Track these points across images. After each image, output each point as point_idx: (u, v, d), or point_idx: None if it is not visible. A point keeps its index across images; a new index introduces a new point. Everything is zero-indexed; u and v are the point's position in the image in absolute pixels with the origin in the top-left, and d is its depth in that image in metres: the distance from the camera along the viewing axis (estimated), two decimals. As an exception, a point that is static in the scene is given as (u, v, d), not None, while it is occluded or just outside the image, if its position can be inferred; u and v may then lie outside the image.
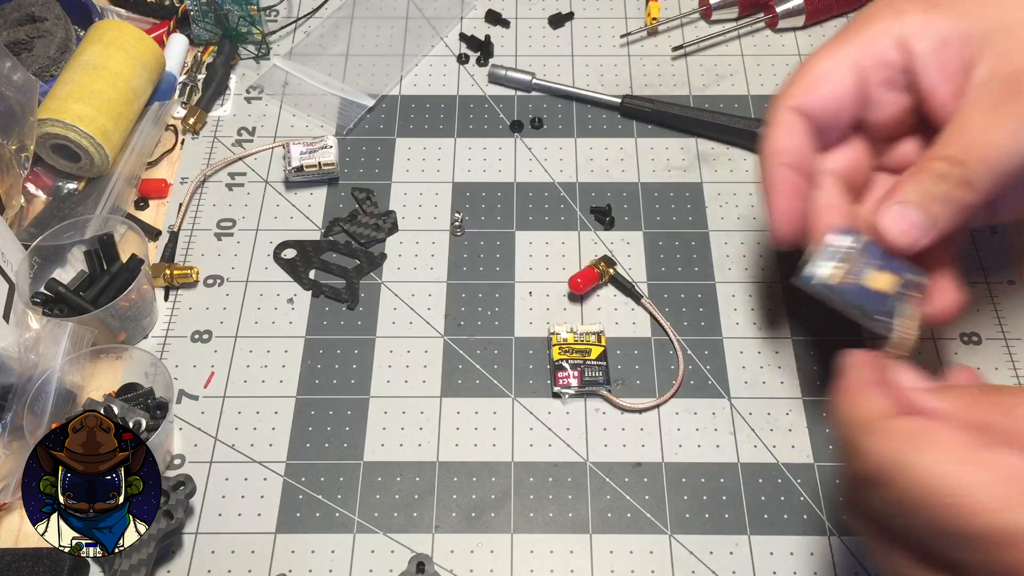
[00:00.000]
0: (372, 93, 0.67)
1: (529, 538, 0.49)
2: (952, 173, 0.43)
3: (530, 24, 0.72)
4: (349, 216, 0.61)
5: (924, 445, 0.34)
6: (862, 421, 0.37)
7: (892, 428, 0.36)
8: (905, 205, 0.44)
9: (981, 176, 0.43)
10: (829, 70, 0.47)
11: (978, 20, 0.44)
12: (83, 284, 0.56)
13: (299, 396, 0.53)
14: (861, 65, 0.46)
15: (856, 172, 0.50)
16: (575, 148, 0.64)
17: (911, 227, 0.44)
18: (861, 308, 0.45)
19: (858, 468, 0.37)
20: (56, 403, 0.49)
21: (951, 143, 0.44)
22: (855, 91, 0.47)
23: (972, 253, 0.58)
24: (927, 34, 0.45)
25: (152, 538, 0.45)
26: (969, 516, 0.32)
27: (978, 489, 0.32)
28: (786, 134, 0.47)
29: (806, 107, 0.47)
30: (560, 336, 0.55)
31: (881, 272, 0.45)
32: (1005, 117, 0.42)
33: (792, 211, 0.47)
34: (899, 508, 0.35)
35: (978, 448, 0.34)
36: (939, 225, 0.44)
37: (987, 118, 0.43)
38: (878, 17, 0.46)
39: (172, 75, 0.66)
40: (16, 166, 0.57)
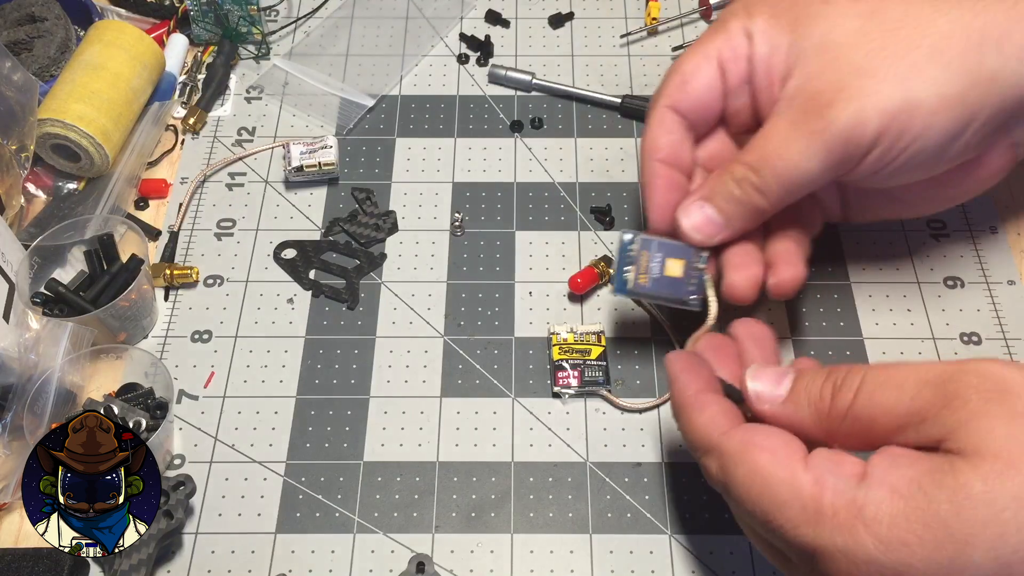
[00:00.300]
0: (372, 93, 0.67)
1: (529, 538, 0.49)
2: (748, 178, 0.47)
3: (530, 24, 0.72)
4: (349, 216, 0.61)
5: (741, 464, 0.38)
6: (699, 441, 0.41)
7: (724, 444, 0.39)
8: (703, 204, 0.49)
9: (771, 186, 0.47)
10: (696, 67, 0.50)
11: (803, 36, 0.47)
12: (83, 284, 0.56)
13: (299, 396, 0.53)
14: (722, 59, 0.49)
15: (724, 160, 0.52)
16: (575, 148, 0.64)
17: (706, 224, 0.49)
18: (671, 297, 0.50)
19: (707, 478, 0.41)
20: (56, 403, 0.49)
21: (752, 151, 0.47)
22: (720, 84, 0.50)
23: (972, 253, 0.58)
24: (765, 39, 0.48)
25: (152, 538, 0.45)
26: (781, 531, 0.36)
27: (779, 510, 0.36)
28: (661, 132, 0.50)
29: (678, 105, 0.50)
30: (560, 336, 0.55)
31: (673, 260, 0.50)
32: (798, 135, 0.46)
33: (667, 204, 0.50)
34: (739, 514, 0.40)
35: (783, 465, 0.37)
36: (733, 225, 0.49)
37: (783, 133, 0.46)
38: (735, 16, 0.49)
39: (172, 75, 0.66)
40: (16, 166, 0.57)
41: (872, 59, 0.45)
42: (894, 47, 0.45)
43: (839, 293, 0.57)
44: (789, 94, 0.47)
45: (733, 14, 0.50)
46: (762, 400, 0.41)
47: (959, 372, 0.35)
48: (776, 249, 0.50)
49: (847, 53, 0.45)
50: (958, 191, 0.52)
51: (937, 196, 0.53)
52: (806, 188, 0.47)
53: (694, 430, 0.41)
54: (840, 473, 0.36)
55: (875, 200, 0.54)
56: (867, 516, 0.34)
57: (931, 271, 0.58)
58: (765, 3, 0.49)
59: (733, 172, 0.48)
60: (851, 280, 0.57)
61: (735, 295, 0.49)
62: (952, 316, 0.56)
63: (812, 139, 0.45)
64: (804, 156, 0.45)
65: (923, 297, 0.57)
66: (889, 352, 0.54)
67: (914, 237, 0.59)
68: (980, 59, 0.44)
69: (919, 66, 0.44)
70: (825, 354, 0.54)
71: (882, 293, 0.57)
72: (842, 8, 0.47)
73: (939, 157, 0.47)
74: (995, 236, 0.59)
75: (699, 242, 0.49)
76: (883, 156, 0.46)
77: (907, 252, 0.58)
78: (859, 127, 0.44)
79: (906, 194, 0.53)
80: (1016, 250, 0.59)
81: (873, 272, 0.58)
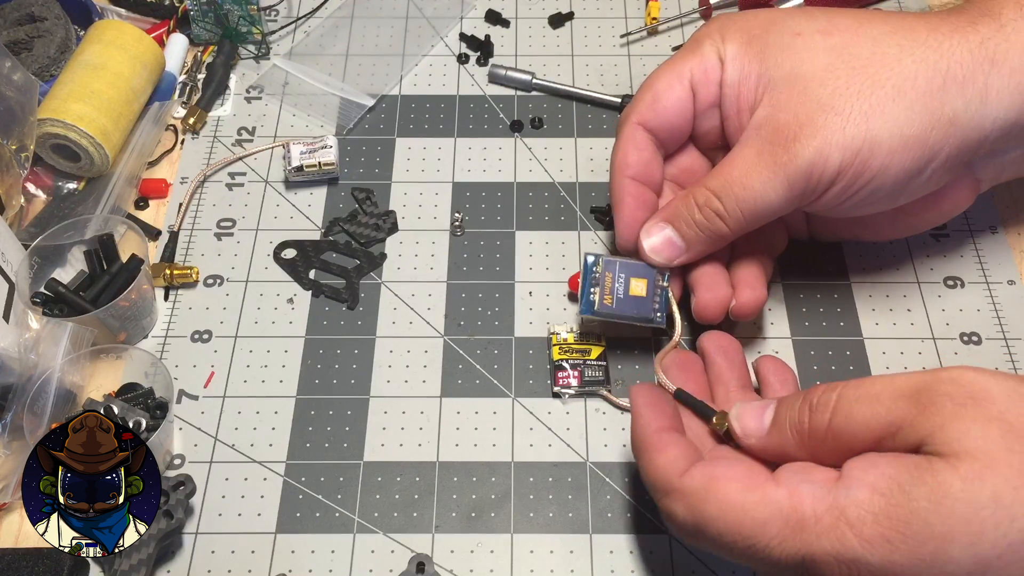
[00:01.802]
0: (372, 93, 0.67)
1: (529, 538, 0.49)
2: (710, 204, 0.48)
3: (530, 24, 0.72)
4: (349, 216, 0.61)
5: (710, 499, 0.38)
6: (659, 483, 0.41)
7: (686, 486, 0.39)
8: (664, 226, 0.50)
9: (733, 213, 0.48)
10: (668, 86, 0.51)
11: (774, 66, 0.48)
12: (83, 284, 0.56)
13: (299, 396, 0.53)
14: (694, 81, 0.51)
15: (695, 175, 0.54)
16: (575, 148, 0.64)
17: (667, 247, 0.50)
18: (637, 316, 0.51)
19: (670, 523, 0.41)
20: (56, 403, 0.49)
21: (716, 176, 0.48)
22: (691, 105, 0.51)
23: (972, 253, 0.58)
24: (736, 66, 0.49)
25: (152, 538, 0.45)
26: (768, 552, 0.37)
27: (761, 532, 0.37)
28: (632, 148, 0.52)
29: (649, 122, 0.51)
30: (560, 336, 0.55)
31: (637, 279, 0.51)
32: (762, 166, 0.46)
33: (635, 222, 0.51)
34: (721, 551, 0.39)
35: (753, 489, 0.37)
36: (694, 248, 0.50)
37: (748, 162, 0.47)
38: (709, 38, 0.51)
39: (172, 75, 0.66)
40: (16, 166, 0.57)
41: (837, 97, 0.46)
42: (859, 85, 0.46)
43: (839, 293, 0.57)
44: (756, 123, 0.48)
45: (708, 35, 0.51)
46: (749, 436, 0.42)
47: (933, 381, 0.36)
48: (739, 272, 0.52)
49: (814, 88, 0.46)
50: (921, 220, 0.54)
51: (900, 224, 0.54)
52: (767, 217, 0.48)
53: (655, 471, 0.41)
54: (813, 480, 0.37)
55: (840, 224, 0.55)
56: (850, 517, 0.35)
57: (931, 271, 0.58)
58: (739, 29, 0.50)
59: (696, 196, 0.49)
60: (851, 280, 0.57)
61: (704, 315, 0.51)
62: (952, 316, 0.56)
63: (776, 171, 0.46)
64: (767, 187, 0.46)
65: (923, 297, 0.57)
66: (889, 352, 0.54)
67: (914, 237, 0.59)
68: (942, 101, 0.45)
69: (882, 105, 0.45)
70: (825, 354, 0.54)
71: (882, 293, 0.57)
72: (813, 42, 0.47)
73: (898, 193, 0.48)
74: (995, 236, 0.59)
75: (660, 264, 0.51)
76: (844, 191, 0.47)
77: (907, 252, 0.58)
78: (821, 163, 0.45)
79: (870, 221, 0.54)
80: (1016, 250, 0.59)
81: (873, 272, 0.58)
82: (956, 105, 0.45)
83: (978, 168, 0.51)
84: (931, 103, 0.45)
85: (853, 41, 0.47)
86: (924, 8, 0.70)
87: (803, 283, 0.57)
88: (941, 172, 0.48)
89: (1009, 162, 0.51)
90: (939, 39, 0.46)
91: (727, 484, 0.38)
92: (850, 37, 0.47)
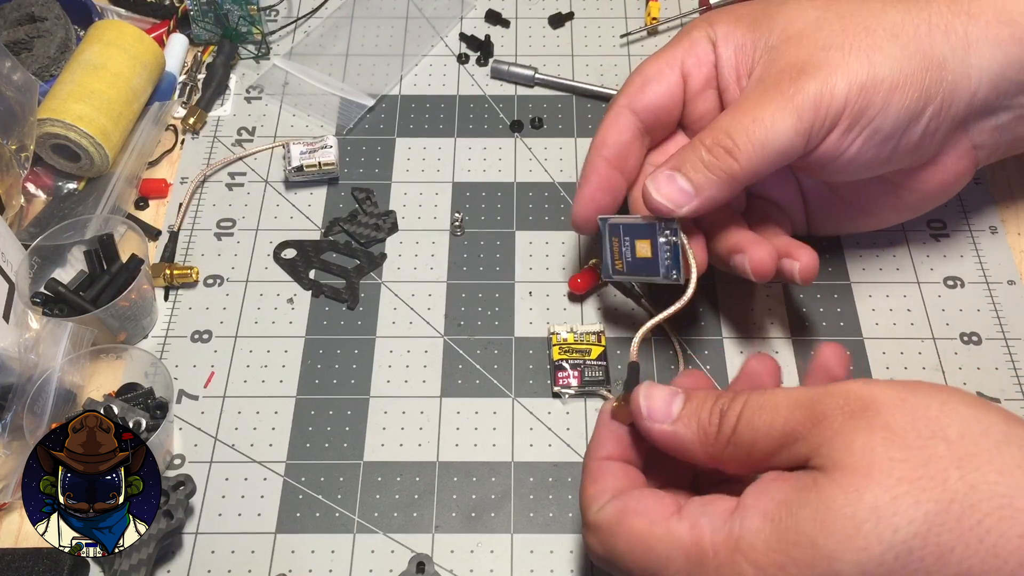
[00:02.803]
0: (372, 93, 0.67)
1: (529, 538, 0.49)
2: (720, 142, 0.47)
3: (530, 24, 0.72)
4: (349, 216, 0.61)
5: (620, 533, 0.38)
6: (582, 513, 0.40)
7: (599, 520, 0.39)
8: (672, 173, 0.47)
9: (744, 146, 0.46)
10: (659, 71, 0.51)
11: (767, 31, 0.49)
12: (83, 284, 0.56)
13: (299, 396, 0.53)
14: (685, 66, 0.51)
15: None
16: (575, 148, 0.64)
17: (675, 192, 0.47)
18: (652, 276, 0.49)
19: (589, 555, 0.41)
20: (56, 403, 0.49)
21: (723, 117, 0.48)
22: (681, 90, 0.52)
23: (972, 253, 0.58)
24: (729, 41, 0.50)
25: (152, 538, 0.45)
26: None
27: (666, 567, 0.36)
28: (613, 131, 0.51)
29: (635, 105, 0.51)
30: (560, 336, 0.55)
31: (641, 241, 0.49)
32: (769, 100, 0.46)
33: (592, 201, 0.51)
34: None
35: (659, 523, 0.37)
36: (703, 192, 0.47)
37: (754, 100, 0.47)
38: (697, 26, 0.52)
39: (172, 75, 0.66)
40: (16, 166, 0.57)
41: (835, 38, 0.47)
42: (853, 29, 0.47)
43: (839, 293, 0.57)
44: (758, 75, 0.49)
45: (696, 25, 0.52)
46: (653, 419, 0.40)
47: (826, 394, 0.36)
48: (779, 243, 0.51)
49: (810, 35, 0.48)
50: (920, 197, 0.53)
51: (899, 203, 0.54)
52: (777, 156, 0.46)
53: (582, 500, 0.41)
54: (713, 512, 0.36)
55: (838, 209, 0.55)
56: (744, 546, 0.35)
57: (931, 271, 0.58)
58: (726, 12, 0.52)
59: (703, 139, 0.47)
60: (851, 280, 0.57)
61: (763, 271, 0.48)
62: (952, 316, 0.56)
63: (784, 103, 0.46)
64: (776, 119, 0.46)
65: (923, 297, 0.57)
66: (889, 352, 0.54)
67: (914, 237, 0.59)
68: (931, 44, 0.47)
69: (879, 45, 0.47)
70: (825, 354, 0.54)
71: (882, 293, 0.57)
72: (800, 5, 0.49)
73: (897, 140, 0.48)
74: (995, 236, 0.59)
75: (667, 212, 0.47)
76: (846, 132, 0.47)
77: (907, 252, 0.58)
78: (828, 94, 0.46)
79: (867, 203, 0.54)
80: (1016, 250, 0.59)
81: (873, 272, 0.58)
82: (943, 50, 0.47)
83: (972, 132, 0.51)
84: (922, 45, 0.47)
85: (838, 2, 0.49)
86: None
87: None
88: (936, 124, 0.48)
89: (1003, 128, 0.51)
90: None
91: (635, 518, 0.38)
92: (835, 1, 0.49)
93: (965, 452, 0.33)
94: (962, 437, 0.33)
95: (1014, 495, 0.32)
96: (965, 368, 0.54)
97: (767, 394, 0.38)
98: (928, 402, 0.34)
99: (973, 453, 0.33)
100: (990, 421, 0.34)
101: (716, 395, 0.40)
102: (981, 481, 0.32)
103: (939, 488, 0.32)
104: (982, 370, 0.53)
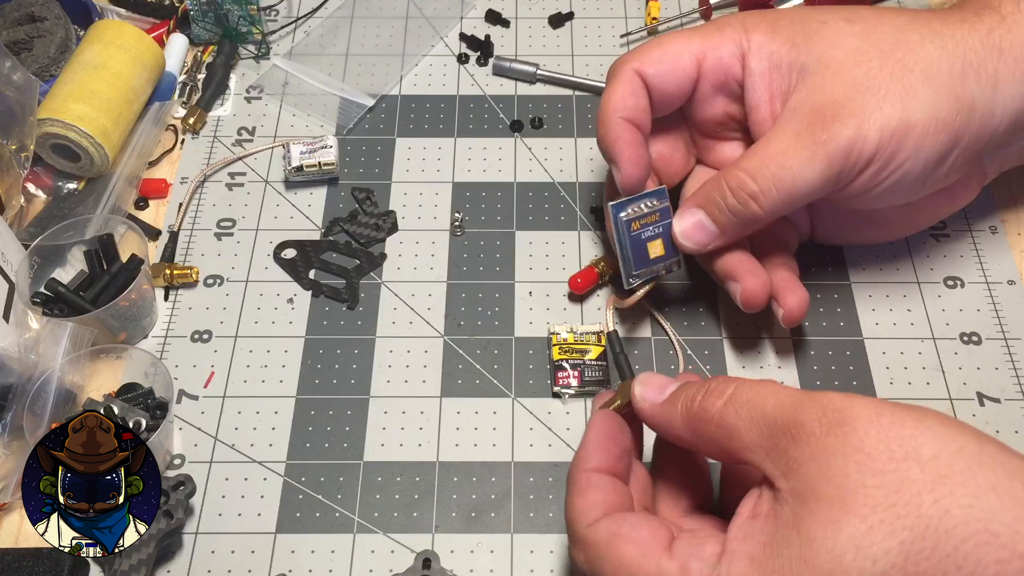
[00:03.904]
0: (372, 93, 0.67)
1: (529, 538, 0.49)
2: (744, 187, 0.47)
3: (530, 24, 0.72)
4: (349, 216, 0.61)
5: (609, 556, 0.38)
6: (569, 526, 0.40)
7: (589, 537, 0.39)
8: (696, 211, 0.50)
9: (767, 193, 0.47)
10: (678, 53, 0.50)
11: (806, 52, 0.48)
12: (83, 284, 0.56)
13: (299, 396, 0.53)
14: (706, 61, 0.50)
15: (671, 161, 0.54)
16: (575, 148, 0.64)
17: (699, 231, 0.50)
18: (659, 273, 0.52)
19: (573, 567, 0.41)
20: (56, 403, 0.49)
21: (751, 157, 0.48)
22: (691, 80, 0.51)
23: (972, 253, 0.58)
24: (763, 56, 0.49)
25: (152, 538, 0.45)
26: None
27: None
28: (628, 92, 0.50)
29: (646, 70, 0.50)
30: (560, 336, 0.55)
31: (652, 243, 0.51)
32: (800, 145, 0.46)
33: (639, 157, 0.50)
34: None
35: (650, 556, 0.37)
36: (727, 233, 0.49)
37: (786, 142, 0.47)
38: (730, 27, 0.50)
39: (172, 75, 0.66)
40: (16, 166, 0.57)
41: (872, 78, 0.46)
42: (891, 68, 0.47)
43: (839, 293, 0.57)
44: (792, 107, 0.48)
45: (727, 26, 0.50)
46: (644, 400, 0.42)
47: (809, 400, 0.36)
48: (775, 278, 0.51)
49: (848, 70, 0.47)
50: (928, 216, 0.55)
51: (909, 221, 0.55)
52: (802, 199, 0.48)
53: (569, 512, 0.40)
54: (702, 556, 0.36)
55: (847, 224, 0.55)
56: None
57: (931, 271, 0.58)
58: (762, 20, 0.50)
59: (728, 179, 0.48)
60: (851, 280, 0.57)
61: (753, 302, 0.50)
62: (952, 316, 0.56)
63: (815, 150, 0.46)
64: (805, 166, 0.46)
65: (923, 297, 0.57)
66: (889, 352, 0.54)
67: (914, 237, 0.59)
68: (963, 87, 0.46)
69: (915, 88, 0.46)
70: (825, 354, 0.54)
71: (882, 293, 0.57)
72: (839, 28, 0.48)
73: (924, 180, 0.48)
74: (995, 236, 0.59)
75: (690, 250, 0.50)
76: (877, 174, 0.47)
77: (907, 252, 0.58)
78: (860, 142, 0.46)
79: (881, 219, 0.54)
80: (1016, 250, 0.59)
81: (873, 272, 0.58)
82: (974, 91, 0.47)
83: (985, 159, 0.51)
84: (955, 88, 0.46)
85: (877, 29, 0.48)
86: (924, 5, 0.71)
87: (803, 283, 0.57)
88: (960, 161, 0.48)
89: (1012, 154, 0.52)
90: (952, 29, 0.47)
91: (626, 546, 0.37)
92: (873, 25, 0.48)
93: (938, 474, 0.32)
94: (935, 457, 0.33)
95: (989, 519, 0.31)
96: (965, 368, 0.54)
97: (757, 386, 0.38)
98: (903, 419, 0.34)
99: (946, 475, 0.32)
100: (964, 441, 0.33)
101: (707, 380, 0.40)
102: (955, 505, 0.32)
103: (913, 515, 0.32)
104: (982, 370, 0.53)
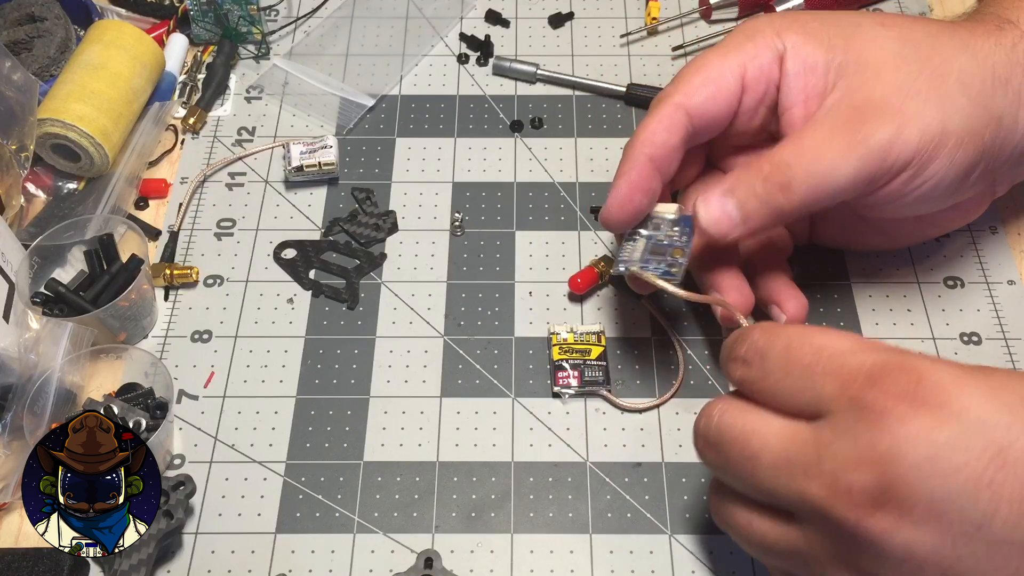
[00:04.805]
0: (372, 93, 0.67)
1: (529, 538, 0.49)
2: (775, 176, 0.45)
3: (530, 24, 0.72)
4: (349, 216, 0.61)
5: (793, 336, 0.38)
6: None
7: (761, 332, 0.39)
8: (724, 197, 0.46)
9: (800, 184, 0.45)
10: (719, 73, 0.48)
11: (842, 52, 0.47)
12: (83, 284, 0.56)
13: (299, 396, 0.53)
14: (749, 75, 0.48)
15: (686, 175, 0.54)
16: (575, 148, 0.64)
17: (723, 218, 0.46)
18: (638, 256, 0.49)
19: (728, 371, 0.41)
20: (56, 403, 0.49)
21: (785, 148, 0.46)
22: (737, 101, 0.49)
23: (972, 253, 0.58)
24: (798, 57, 0.47)
25: (152, 538, 0.45)
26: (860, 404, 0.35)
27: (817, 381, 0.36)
28: (663, 128, 0.48)
29: (693, 104, 0.48)
30: (560, 336, 0.55)
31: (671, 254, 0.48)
32: (836, 141, 0.45)
33: (631, 201, 0.47)
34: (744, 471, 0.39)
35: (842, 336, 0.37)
36: (751, 223, 0.46)
37: (821, 137, 0.46)
38: (761, 33, 0.48)
39: (172, 75, 0.66)
40: (16, 166, 0.57)
41: (912, 82, 0.45)
42: (929, 74, 0.46)
43: (839, 293, 0.57)
44: (829, 106, 0.47)
45: (759, 32, 0.48)
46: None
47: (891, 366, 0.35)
48: (771, 285, 0.51)
49: (889, 72, 0.46)
50: (936, 229, 0.55)
51: (917, 232, 0.55)
52: (831, 197, 0.46)
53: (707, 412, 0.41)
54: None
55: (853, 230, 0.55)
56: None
57: (931, 271, 0.58)
58: (794, 22, 0.48)
59: (760, 168, 0.46)
60: (851, 280, 0.57)
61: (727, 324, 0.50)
62: (952, 316, 0.56)
63: (851, 147, 0.45)
64: (839, 163, 0.45)
65: (923, 297, 0.57)
66: (889, 352, 0.54)
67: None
68: (993, 99, 0.46)
69: (952, 97, 0.45)
70: (825, 354, 0.54)
71: (882, 293, 0.57)
72: (875, 32, 0.47)
73: (952, 192, 0.47)
74: (995, 236, 0.59)
75: (712, 236, 0.47)
76: (909, 181, 0.46)
77: (907, 252, 0.58)
78: (900, 144, 0.45)
79: (889, 227, 0.54)
80: (1016, 250, 0.59)
81: (873, 272, 0.58)
82: (1002, 105, 0.46)
83: (999, 175, 0.51)
84: (986, 100, 0.46)
85: (912, 34, 0.47)
86: (925, 12, 0.70)
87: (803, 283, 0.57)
88: (982, 175, 0.48)
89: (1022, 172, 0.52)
90: (979, 41, 0.47)
91: (813, 333, 0.38)
92: (908, 31, 0.47)
93: None
94: None
95: None
96: (965, 368, 0.54)
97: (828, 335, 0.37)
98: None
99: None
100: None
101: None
102: None
103: None
104: (982, 370, 0.53)
